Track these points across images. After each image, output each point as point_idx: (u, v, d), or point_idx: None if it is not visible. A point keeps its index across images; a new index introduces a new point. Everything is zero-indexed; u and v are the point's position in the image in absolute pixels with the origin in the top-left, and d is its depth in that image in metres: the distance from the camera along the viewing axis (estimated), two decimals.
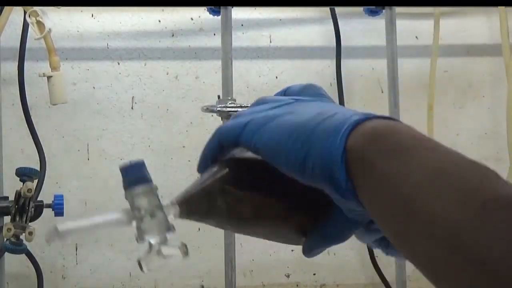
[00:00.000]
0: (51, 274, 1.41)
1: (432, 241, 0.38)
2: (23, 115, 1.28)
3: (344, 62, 1.46)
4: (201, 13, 1.44)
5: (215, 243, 1.40)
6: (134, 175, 0.49)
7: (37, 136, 1.27)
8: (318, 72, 1.49)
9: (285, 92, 0.53)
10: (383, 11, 1.31)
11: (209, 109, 1.19)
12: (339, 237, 0.48)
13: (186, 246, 0.49)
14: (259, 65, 1.47)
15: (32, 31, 1.18)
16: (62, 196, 1.21)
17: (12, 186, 1.22)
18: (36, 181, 1.18)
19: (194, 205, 0.53)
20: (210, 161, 0.52)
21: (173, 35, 1.45)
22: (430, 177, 0.41)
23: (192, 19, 1.46)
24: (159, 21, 1.45)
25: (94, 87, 1.44)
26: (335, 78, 1.46)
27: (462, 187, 0.40)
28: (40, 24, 1.17)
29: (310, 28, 1.49)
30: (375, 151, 0.43)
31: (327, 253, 1.46)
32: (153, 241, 0.49)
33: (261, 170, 0.48)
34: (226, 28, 1.21)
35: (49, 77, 1.20)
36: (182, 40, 1.45)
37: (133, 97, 1.44)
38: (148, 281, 1.43)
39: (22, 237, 1.15)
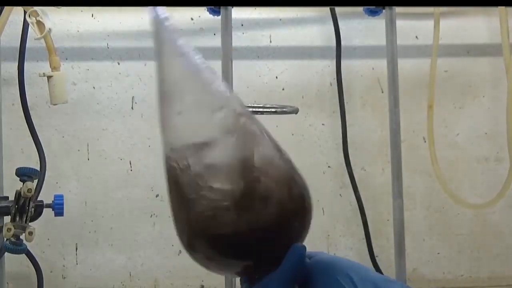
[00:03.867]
0: (51, 274, 1.41)
1: None
2: (23, 115, 1.28)
3: (344, 62, 1.46)
4: (201, 13, 1.44)
5: None
6: None
7: (37, 136, 1.26)
8: (318, 72, 1.49)
9: None
10: (383, 11, 1.31)
11: None
12: None
13: None
14: (259, 65, 1.47)
15: (32, 31, 1.18)
16: (62, 196, 1.20)
17: (12, 186, 1.22)
18: (36, 181, 1.18)
19: None
20: None
21: None
22: None
23: (192, 19, 1.46)
24: None
25: (94, 87, 1.44)
26: (335, 78, 1.46)
27: None
28: (40, 24, 1.17)
29: (310, 28, 1.49)
30: None
31: (327, 253, 1.46)
32: None
33: None
34: (226, 28, 1.21)
35: (49, 77, 1.20)
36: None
37: (133, 97, 1.44)
38: (148, 281, 1.43)
39: (22, 237, 1.15)
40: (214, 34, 1.43)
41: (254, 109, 1.17)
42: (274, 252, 0.55)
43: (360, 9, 1.38)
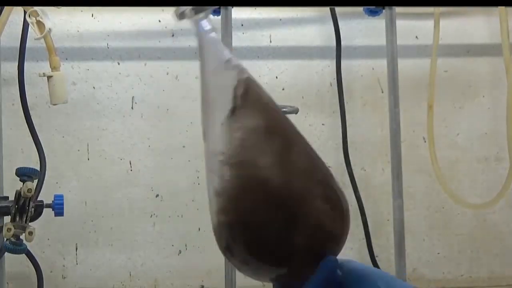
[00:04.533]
0: (51, 274, 1.41)
1: None
2: (23, 115, 1.28)
3: (344, 62, 1.46)
4: None
5: (215, 243, 1.39)
6: None
7: (37, 136, 1.26)
8: (318, 72, 1.49)
9: None
10: (383, 11, 1.31)
11: None
12: None
13: None
14: (259, 65, 1.47)
15: (32, 31, 1.18)
16: (62, 196, 1.20)
17: (12, 186, 1.22)
18: (36, 181, 1.18)
19: None
20: None
21: (173, 35, 1.45)
22: None
23: None
24: (159, 21, 1.45)
25: (94, 87, 1.44)
26: (335, 78, 1.46)
27: None
28: (40, 24, 1.17)
29: (310, 28, 1.49)
30: None
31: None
32: None
33: None
34: (226, 28, 1.21)
35: (49, 77, 1.20)
36: (182, 40, 1.45)
37: (133, 97, 1.44)
38: (148, 281, 1.43)
39: (22, 237, 1.15)
40: None
41: None
42: (311, 260, 0.55)
43: (360, 9, 1.38)
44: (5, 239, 1.15)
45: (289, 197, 0.55)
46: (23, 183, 1.15)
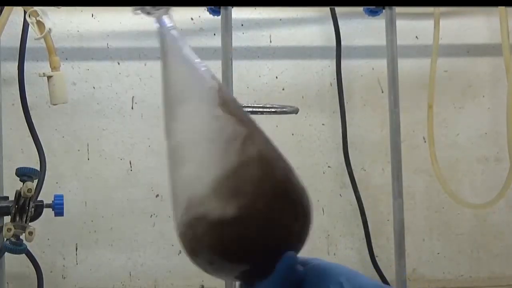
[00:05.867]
0: (51, 274, 1.41)
1: None
2: (23, 115, 1.28)
3: (344, 62, 1.46)
4: (201, 13, 1.44)
5: None
6: None
7: (37, 136, 1.26)
8: (318, 72, 1.49)
9: None
10: (383, 11, 1.31)
11: None
12: None
13: None
14: (259, 65, 1.47)
15: (32, 31, 1.18)
16: (62, 196, 1.21)
17: (12, 186, 1.22)
18: (36, 181, 1.18)
19: None
20: None
21: None
22: None
23: (192, 19, 1.46)
24: None
25: (94, 87, 1.44)
26: (335, 78, 1.46)
27: None
28: (40, 24, 1.17)
29: (310, 28, 1.49)
30: None
31: (327, 253, 1.46)
32: None
33: None
34: (226, 28, 1.21)
35: (49, 77, 1.20)
36: None
37: (133, 97, 1.44)
38: (148, 281, 1.43)
39: (22, 237, 1.15)
40: (214, 34, 1.43)
41: (254, 109, 1.17)
42: (272, 257, 0.55)
43: (360, 9, 1.38)
44: (5, 239, 1.15)
45: (252, 199, 0.54)
46: (23, 183, 1.15)
